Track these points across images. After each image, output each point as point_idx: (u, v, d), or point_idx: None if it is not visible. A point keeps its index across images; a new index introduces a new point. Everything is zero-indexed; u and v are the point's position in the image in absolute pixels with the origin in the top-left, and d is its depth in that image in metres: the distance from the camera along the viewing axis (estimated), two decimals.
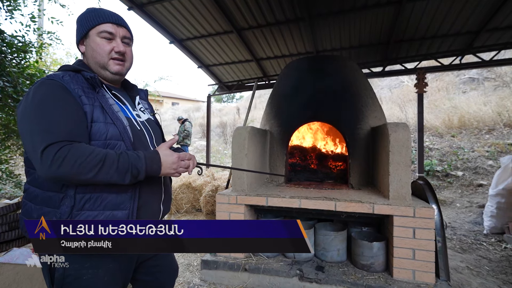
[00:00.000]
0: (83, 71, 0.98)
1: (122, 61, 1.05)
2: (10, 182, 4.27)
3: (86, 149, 0.85)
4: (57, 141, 0.83)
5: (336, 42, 4.53)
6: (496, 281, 2.50)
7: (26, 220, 0.91)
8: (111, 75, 1.04)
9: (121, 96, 1.08)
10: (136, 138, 1.02)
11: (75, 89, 0.92)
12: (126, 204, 0.96)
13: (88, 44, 1.02)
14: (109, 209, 0.94)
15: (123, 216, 0.95)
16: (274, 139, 3.19)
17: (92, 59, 1.03)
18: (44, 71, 3.69)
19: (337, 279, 2.12)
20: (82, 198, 0.91)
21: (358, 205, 2.20)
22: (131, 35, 1.09)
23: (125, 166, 0.89)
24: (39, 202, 0.92)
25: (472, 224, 3.91)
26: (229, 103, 25.50)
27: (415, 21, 3.83)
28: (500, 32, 4.00)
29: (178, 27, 4.31)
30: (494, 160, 5.26)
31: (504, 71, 8.78)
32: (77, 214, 0.90)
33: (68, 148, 0.83)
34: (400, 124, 2.25)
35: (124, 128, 0.98)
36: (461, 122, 6.65)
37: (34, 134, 0.83)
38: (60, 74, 0.95)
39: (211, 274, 2.43)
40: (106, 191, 0.93)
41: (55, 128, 0.85)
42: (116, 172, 0.88)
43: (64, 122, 0.87)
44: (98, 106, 0.95)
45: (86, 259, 0.93)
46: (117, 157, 0.89)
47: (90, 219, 0.91)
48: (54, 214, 0.90)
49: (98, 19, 1.00)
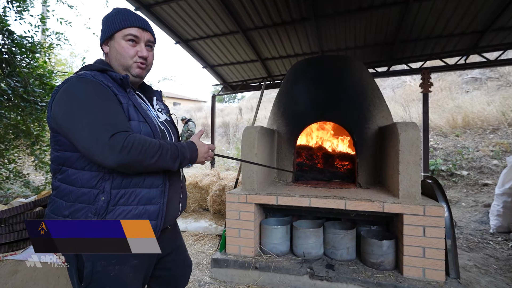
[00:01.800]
0: (109, 71, 1.01)
1: (144, 65, 1.08)
2: (18, 181, 4.30)
3: (145, 138, 0.91)
4: (122, 131, 0.87)
5: (341, 42, 4.54)
6: (504, 279, 2.51)
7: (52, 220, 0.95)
8: (132, 77, 1.07)
9: (144, 97, 1.11)
10: (163, 138, 1.05)
11: (112, 88, 0.95)
12: (157, 199, 1.00)
13: (113, 46, 1.05)
14: (142, 204, 0.97)
15: (154, 210, 0.99)
16: (282, 139, 3.21)
17: (116, 61, 1.05)
18: (53, 72, 3.73)
19: (347, 277, 2.14)
20: (118, 193, 0.94)
21: (368, 204, 2.22)
22: (155, 39, 1.12)
23: (176, 153, 0.98)
24: (72, 199, 0.94)
25: (478, 223, 3.92)
26: (231, 103, 25.56)
27: (421, 21, 3.83)
28: (505, 31, 4.00)
29: (184, 28, 4.33)
30: (499, 160, 5.27)
31: (507, 71, 8.77)
32: (113, 209, 0.93)
33: (133, 136, 0.88)
34: (410, 123, 2.27)
35: (155, 126, 1.02)
36: (465, 122, 6.65)
37: (93, 127, 0.85)
38: (89, 73, 0.96)
39: (221, 272, 2.45)
40: (139, 186, 0.97)
41: (113, 120, 0.88)
42: (171, 159, 0.96)
43: (120, 115, 0.92)
44: (131, 104, 0.99)
45: (113, 256, 0.96)
46: (169, 146, 0.96)
47: (124, 214, 0.94)
48: (89, 210, 0.92)
49: (125, 22, 1.03)
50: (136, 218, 0.95)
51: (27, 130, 3.53)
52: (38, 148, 3.96)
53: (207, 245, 3.26)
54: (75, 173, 0.94)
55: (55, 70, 4.16)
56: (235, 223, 2.55)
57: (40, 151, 4.02)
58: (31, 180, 4.74)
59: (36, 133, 3.77)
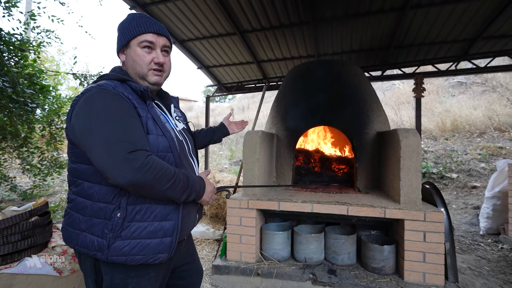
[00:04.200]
0: (130, 81, 0.97)
1: (160, 71, 1.04)
2: (3, 185, 4.11)
3: (162, 163, 0.88)
4: (141, 149, 0.84)
5: (337, 46, 4.58)
6: (497, 281, 2.60)
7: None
8: (149, 85, 1.04)
9: (162, 106, 1.07)
10: (180, 149, 1.02)
11: (132, 100, 0.91)
12: (172, 215, 0.97)
13: (129, 54, 1.01)
14: (158, 220, 0.94)
15: (170, 226, 0.97)
16: (281, 143, 3.20)
17: (132, 70, 1.02)
18: (43, 71, 3.58)
19: (350, 282, 2.16)
20: (133, 209, 0.91)
21: (370, 210, 2.24)
22: (171, 44, 1.09)
23: (186, 185, 0.94)
24: (89, 213, 0.91)
25: (469, 225, 4.04)
26: (222, 103, 25.36)
27: (416, 28, 3.92)
28: (494, 40, 4.15)
29: (180, 28, 4.26)
30: (486, 163, 5.46)
31: (491, 76, 9.10)
32: (128, 225, 0.90)
33: (152, 158, 0.85)
34: (411, 130, 2.30)
35: (172, 140, 0.99)
36: (453, 126, 6.86)
37: (111, 142, 0.82)
38: (109, 83, 0.93)
39: (222, 279, 2.42)
40: (154, 202, 0.94)
41: (132, 136, 0.85)
42: (180, 191, 0.92)
43: (139, 132, 0.88)
44: (150, 118, 0.95)
45: (131, 269, 0.94)
46: (182, 176, 0.92)
47: (140, 230, 0.91)
48: (106, 226, 0.89)
49: (140, 28, 0.99)
50: (151, 235, 0.93)
51: (16, 132, 3.37)
52: (26, 150, 3.80)
53: (205, 250, 3.22)
54: (91, 187, 0.91)
55: (45, 70, 4.00)
56: (236, 229, 2.52)
57: (28, 153, 3.86)
58: (18, 184, 4.54)
59: (24, 135, 3.61)
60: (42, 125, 3.99)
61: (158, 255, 0.94)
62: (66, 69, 9.78)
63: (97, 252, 0.90)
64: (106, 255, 0.89)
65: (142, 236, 0.91)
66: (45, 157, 4.19)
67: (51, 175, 4.24)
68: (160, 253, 0.94)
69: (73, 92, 9.11)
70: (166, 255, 0.96)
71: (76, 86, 8.00)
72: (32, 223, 1.69)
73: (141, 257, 0.91)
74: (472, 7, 3.46)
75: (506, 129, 6.33)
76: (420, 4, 3.42)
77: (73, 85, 9.36)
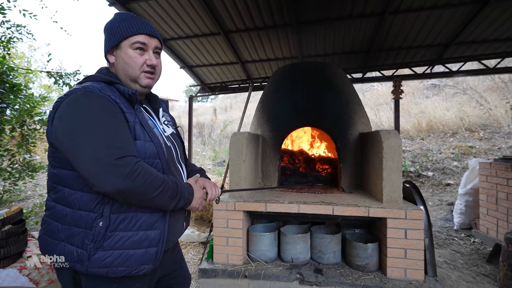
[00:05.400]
0: (117, 83, 0.92)
1: (153, 74, 1.01)
2: None
3: (151, 170, 0.84)
4: (129, 155, 0.80)
5: (320, 48, 4.67)
6: (470, 273, 2.76)
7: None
8: (141, 88, 1.00)
9: (150, 110, 1.04)
10: (169, 155, 0.99)
11: (119, 104, 0.87)
12: (159, 223, 0.93)
13: (119, 56, 0.97)
14: (143, 229, 0.90)
15: (156, 236, 0.92)
16: (267, 144, 3.21)
17: (123, 72, 0.98)
18: (13, 68, 3.35)
19: (336, 280, 2.20)
20: (117, 218, 0.86)
21: (354, 209, 2.30)
22: (162, 45, 1.05)
23: (175, 191, 0.90)
24: (68, 222, 0.86)
25: (444, 220, 4.27)
26: (204, 103, 25.04)
27: (394, 32, 4.08)
28: (466, 45, 4.41)
29: (162, 27, 4.16)
30: (459, 161, 5.80)
31: (462, 79, 9.67)
32: (111, 235, 0.85)
33: (141, 164, 0.81)
34: (392, 131, 2.39)
35: (160, 145, 0.95)
36: (429, 126, 7.23)
37: (97, 147, 0.77)
38: (95, 85, 0.88)
39: (209, 282, 2.38)
40: (140, 210, 0.90)
41: (120, 142, 0.81)
42: (169, 198, 0.89)
43: (127, 137, 0.84)
44: (138, 123, 0.91)
45: (114, 281, 0.90)
46: (171, 183, 0.89)
47: (123, 240, 0.87)
48: (86, 235, 0.84)
49: (132, 29, 0.95)
50: (136, 244, 0.88)
51: None
52: None
53: (190, 253, 3.16)
54: (72, 193, 0.86)
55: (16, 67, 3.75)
56: (223, 231, 2.50)
57: None
58: None
59: None
60: (12, 126, 3.74)
61: (143, 266, 0.90)
62: (38, 66, 9.24)
63: (76, 264, 0.84)
64: (86, 267, 0.84)
65: (126, 247, 0.87)
66: (16, 160, 3.93)
67: (23, 179, 3.98)
68: (144, 264, 0.90)
69: (46, 90, 8.62)
70: (151, 266, 0.92)
71: (50, 84, 7.57)
72: (5, 232, 1.58)
73: (124, 268, 0.86)
74: (445, 15, 3.65)
75: (475, 130, 6.76)
76: (398, 9, 3.57)
77: (46, 83, 8.87)
